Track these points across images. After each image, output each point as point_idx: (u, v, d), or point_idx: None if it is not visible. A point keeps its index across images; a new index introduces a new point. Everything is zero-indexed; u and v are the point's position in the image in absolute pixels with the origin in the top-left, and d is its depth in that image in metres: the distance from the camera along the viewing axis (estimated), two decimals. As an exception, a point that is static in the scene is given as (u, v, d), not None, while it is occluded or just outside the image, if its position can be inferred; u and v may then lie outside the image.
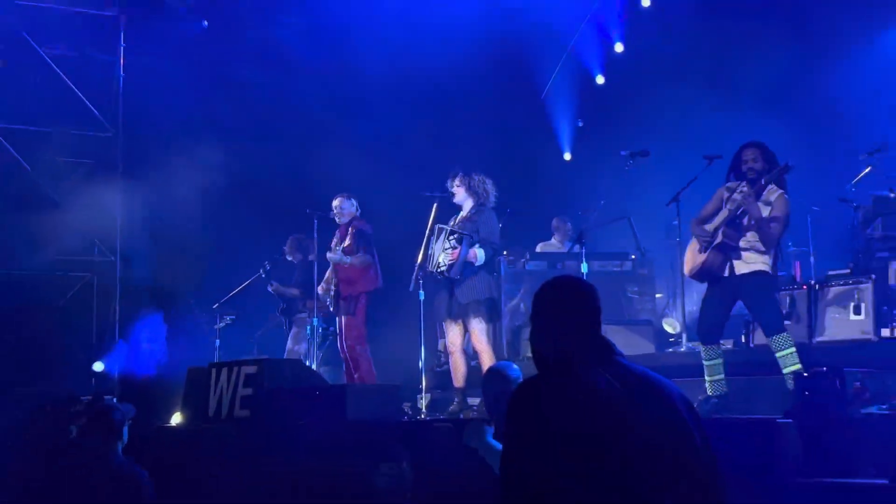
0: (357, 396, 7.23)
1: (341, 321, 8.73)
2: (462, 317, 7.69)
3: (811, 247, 8.88)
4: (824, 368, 5.71)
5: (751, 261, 6.53)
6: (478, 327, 7.63)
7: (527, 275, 10.23)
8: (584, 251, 8.41)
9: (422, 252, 7.93)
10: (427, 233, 7.91)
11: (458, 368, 7.75)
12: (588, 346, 2.85)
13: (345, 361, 8.77)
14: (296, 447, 6.89)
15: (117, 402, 7.36)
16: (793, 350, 6.34)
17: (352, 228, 8.77)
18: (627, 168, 9.00)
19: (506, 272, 9.77)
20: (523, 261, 10.32)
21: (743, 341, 8.01)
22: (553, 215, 11.13)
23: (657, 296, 10.37)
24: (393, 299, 8.86)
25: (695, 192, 8.05)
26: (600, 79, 12.86)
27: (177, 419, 8.41)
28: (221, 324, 10.92)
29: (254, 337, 11.32)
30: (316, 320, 9.38)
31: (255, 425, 7.26)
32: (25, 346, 10.66)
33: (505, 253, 9.70)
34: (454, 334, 7.79)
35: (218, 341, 10.80)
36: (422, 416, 7.76)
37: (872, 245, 7.85)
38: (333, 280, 8.82)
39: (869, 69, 10.09)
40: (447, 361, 8.32)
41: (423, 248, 7.94)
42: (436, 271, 7.70)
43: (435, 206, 8.02)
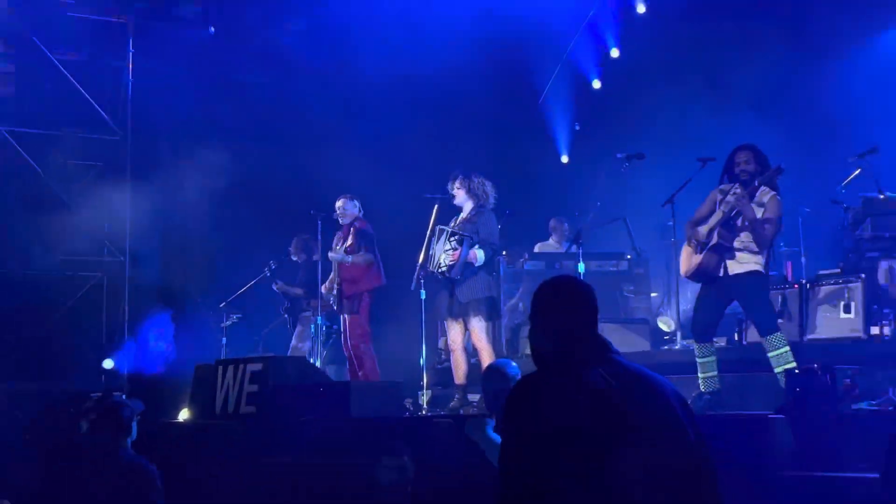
0: (360, 393, 7.25)
1: (345, 320, 8.73)
2: (462, 315, 7.68)
3: (802, 247, 8.87)
4: (815, 366, 5.71)
5: (744, 261, 6.52)
6: (478, 326, 7.63)
7: (525, 274, 10.23)
8: (581, 251, 8.42)
9: (423, 252, 7.93)
10: (428, 234, 7.91)
11: (459, 366, 7.75)
12: (585, 344, 2.85)
13: (349, 359, 8.77)
14: (300, 442, 6.90)
15: (126, 399, 7.37)
16: (787, 349, 6.33)
17: (353, 228, 8.77)
18: (623, 170, 9.00)
19: (505, 272, 9.76)
20: (522, 261, 10.32)
21: (736, 339, 8.00)
22: (551, 216, 11.12)
23: (652, 295, 10.35)
24: (395, 298, 8.86)
25: (689, 193, 8.05)
26: (597, 83, 12.85)
27: (184, 415, 8.42)
28: (228, 322, 10.93)
29: (259, 335, 11.32)
30: (320, 319, 9.38)
31: (260, 421, 7.27)
32: (37, 343, 10.68)
33: (504, 253, 9.69)
34: (455, 332, 7.78)
35: (224, 339, 10.82)
36: (423, 412, 7.76)
37: (862, 245, 7.83)
38: (336, 279, 8.82)
39: (859, 74, 10.07)
40: (448, 359, 8.31)
41: (424, 248, 7.94)
42: (437, 271, 7.70)
43: (436, 207, 8.02)
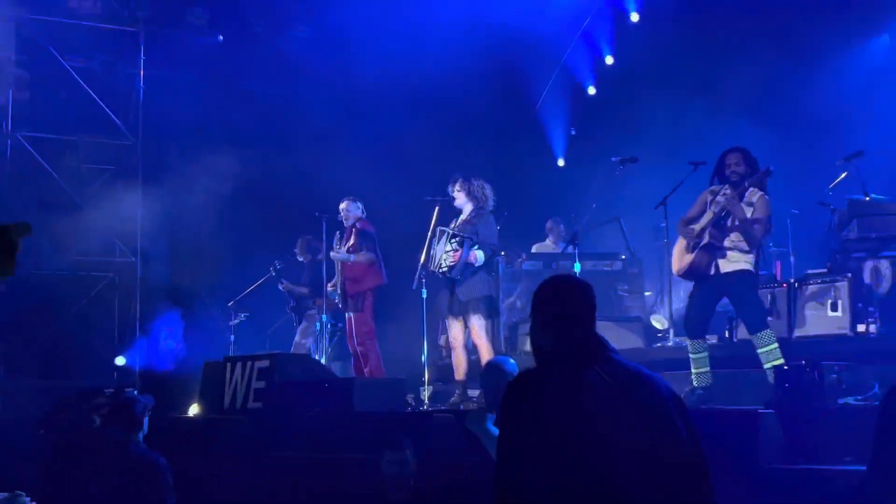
0: (363, 389, 7.24)
1: (350, 318, 8.72)
2: (463, 314, 7.68)
3: (791, 247, 8.88)
4: (803, 362, 5.73)
5: (735, 260, 6.52)
6: (477, 324, 7.63)
7: (523, 274, 10.24)
8: (577, 252, 8.42)
9: (424, 253, 7.93)
10: (429, 235, 7.91)
11: (460, 362, 7.75)
12: (584, 342, 2.85)
13: (353, 356, 8.76)
14: (306, 436, 6.91)
15: (138, 395, 7.38)
16: (776, 346, 6.33)
17: (356, 229, 8.77)
18: (617, 173, 8.99)
19: (503, 272, 9.75)
20: (520, 261, 10.32)
21: (727, 336, 7.99)
22: (547, 218, 11.12)
23: (646, 293, 10.36)
24: (397, 297, 8.85)
25: (681, 195, 8.05)
26: (592, 90, 12.86)
27: (194, 410, 8.43)
28: (235, 321, 10.92)
29: (266, 333, 11.31)
30: (325, 317, 9.38)
31: (267, 416, 7.27)
32: (51, 341, 10.69)
33: (503, 254, 9.68)
34: (456, 330, 7.78)
35: (232, 337, 10.81)
36: (424, 407, 7.76)
37: (848, 246, 7.83)
38: (339, 279, 8.82)
39: (846, 80, 10.08)
40: (448, 356, 8.31)
41: (425, 249, 7.93)
42: (438, 271, 7.70)
43: (437, 209, 8.02)
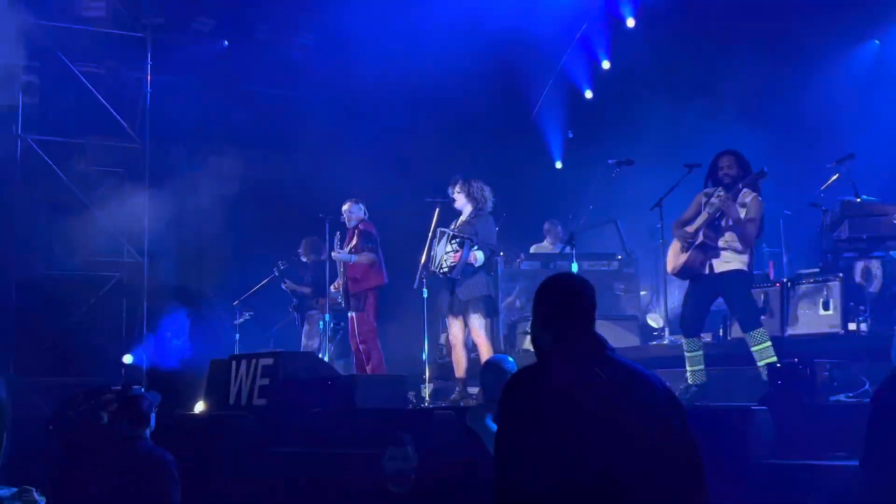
0: (365, 386, 7.24)
1: (352, 317, 8.71)
2: (463, 313, 7.68)
3: (783, 248, 8.88)
4: (796, 359, 5.72)
5: (729, 260, 6.51)
6: (477, 322, 7.62)
7: (522, 274, 10.23)
8: (574, 252, 8.40)
9: (425, 253, 7.92)
10: (430, 236, 7.90)
11: (459, 360, 7.74)
12: (583, 340, 2.83)
13: (356, 354, 8.75)
14: (309, 432, 6.90)
15: (145, 392, 7.36)
16: (768, 344, 6.33)
17: (358, 230, 8.76)
18: (614, 176, 9.00)
19: (502, 272, 9.75)
20: (518, 261, 10.31)
21: (721, 335, 8.00)
22: (545, 219, 11.12)
23: (642, 293, 10.35)
24: (398, 297, 8.85)
25: (676, 197, 8.05)
26: (589, 94, 12.85)
27: (200, 407, 8.42)
28: (240, 319, 10.92)
29: (270, 331, 11.31)
30: (328, 316, 9.37)
31: (271, 412, 7.26)
32: (60, 339, 10.67)
33: (501, 254, 9.68)
34: (456, 329, 7.78)
35: (237, 335, 10.81)
36: (425, 404, 7.75)
37: (839, 246, 7.82)
38: (341, 279, 8.82)
39: (837, 84, 10.07)
40: (449, 354, 8.31)
41: (426, 249, 7.93)
42: (438, 271, 7.69)
43: (437, 210, 8.01)
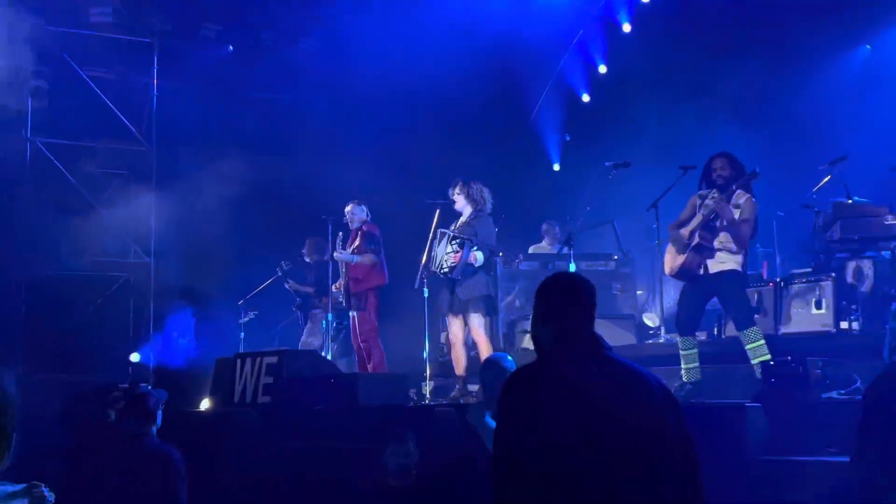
0: (367, 384, 7.25)
1: (354, 317, 8.72)
2: (463, 312, 7.69)
3: (777, 248, 8.90)
4: (789, 357, 5.74)
5: (723, 260, 6.53)
6: (477, 321, 7.63)
7: (521, 274, 10.24)
8: (572, 252, 8.41)
9: (426, 254, 7.92)
10: (430, 236, 7.91)
11: (459, 359, 7.75)
12: (581, 340, 2.84)
13: (357, 353, 8.76)
14: (312, 429, 6.91)
15: (151, 389, 7.36)
16: (762, 342, 6.35)
17: (361, 231, 8.77)
18: (610, 177, 8.98)
19: (501, 272, 9.72)
20: (517, 261, 10.30)
21: (715, 333, 8.01)
22: (543, 220, 11.13)
23: (638, 292, 10.35)
24: (399, 296, 8.86)
25: (672, 198, 8.05)
26: (586, 97, 12.87)
27: (206, 404, 8.43)
28: (245, 319, 10.92)
29: (274, 330, 11.32)
30: (330, 315, 9.38)
31: (275, 410, 7.27)
32: (69, 338, 10.67)
33: (501, 254, 9.68)
34: (456, 328, 7.79)
35: (242, 334, 10.81)
36: (426, 401, 7.76)
37: (832, 247, 7.84)
38: (343, 279, 8.83)
39: (830, 87, 10.09)
40: (449, 352, 8.31)
41: (427, 250, 7.93)
42: (439, 272, 7.70)
43: (437, 212, 8.02)
